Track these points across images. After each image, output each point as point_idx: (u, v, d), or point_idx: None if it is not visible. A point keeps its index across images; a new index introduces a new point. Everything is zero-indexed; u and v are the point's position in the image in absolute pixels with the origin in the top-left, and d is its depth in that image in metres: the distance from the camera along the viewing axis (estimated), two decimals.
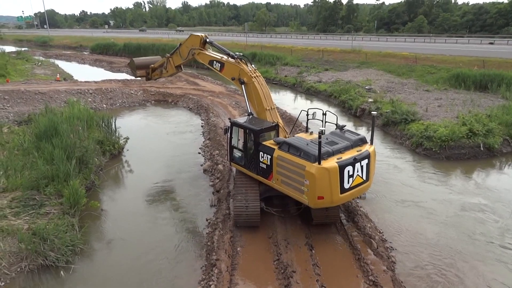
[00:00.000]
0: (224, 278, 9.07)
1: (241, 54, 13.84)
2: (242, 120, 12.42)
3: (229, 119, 13.13)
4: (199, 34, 15.30)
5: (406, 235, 11.27)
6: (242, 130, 11.87)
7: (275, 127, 11.94)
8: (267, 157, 10.89)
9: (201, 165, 16.70)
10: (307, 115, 12.89)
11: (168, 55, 16.88)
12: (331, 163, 9.65)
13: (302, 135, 12.34)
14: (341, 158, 9.92)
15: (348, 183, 9.98)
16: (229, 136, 12.49)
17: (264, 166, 11.07)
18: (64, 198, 12.01)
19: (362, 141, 11.02)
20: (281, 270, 9.45)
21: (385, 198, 13.60)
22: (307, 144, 10.27)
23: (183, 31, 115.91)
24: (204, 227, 11.84)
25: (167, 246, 11.00)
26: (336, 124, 12.14)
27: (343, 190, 9.87)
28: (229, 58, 13.88)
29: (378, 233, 11.13)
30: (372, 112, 12.09)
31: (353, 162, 9.99)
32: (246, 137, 11.70)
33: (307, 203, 10.03)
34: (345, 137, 10.98)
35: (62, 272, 9.71)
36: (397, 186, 14.60)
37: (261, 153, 11.12)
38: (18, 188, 12.36)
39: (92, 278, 9.72)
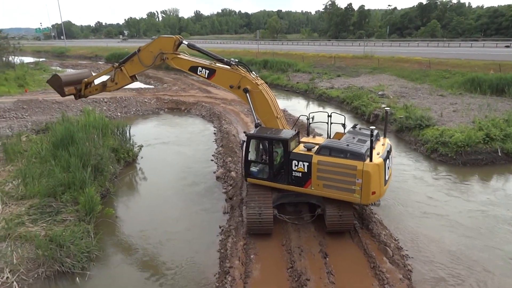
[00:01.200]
0: (238, 285, 9.02)
1: (237, 60, 13.05)
2: (255, 132, 11.80)
3: (244, 132, 12.45)
4: (172, 36, 13.83)
5: (423, 243, 11.03)
6: (266, 142, 11.39)
7: (298, 135, 11.89)
8: (303, 165, 10.69)
9: (214, 172, 16.76)
10: (308, 119, 12.93)
11: (117, 64, 14.69)
12: (377, 159, 10.14)
13: (305, 139, 12.44)
14: (379, 153, 10.44)
15: (387, 174, 10.76)
16: (244, 151, 11.61)
17: (299, 174, 10.81)
18: (80, 205, 12.22)
19: (379, 136, 11.62)
20: (295, 278, 9.35)
21: (400, 205, 13.37)
22: (347, 145, 10.52)
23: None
24: (217, 234, 11.84)
25: (181, 253, 11.04)
26: (343, 125, 12.62)
27: (385, 182, 10.57)
28: (217, 64, 13.02)
29: (394, 241, 10.93)
30: (386, 108, 12.57)
31: (387, 155, 10.72)
32: (271, 149, 11.19)
33: (358, 201, 10.33)
34: (366, 134, 11.28)
35: (77, 278, 9.82)
36: (412, 193, 14.34)
37: (294, 161, 10.81)
38: (36, 195, 12.63)
39: (107, 285, 9.82)
